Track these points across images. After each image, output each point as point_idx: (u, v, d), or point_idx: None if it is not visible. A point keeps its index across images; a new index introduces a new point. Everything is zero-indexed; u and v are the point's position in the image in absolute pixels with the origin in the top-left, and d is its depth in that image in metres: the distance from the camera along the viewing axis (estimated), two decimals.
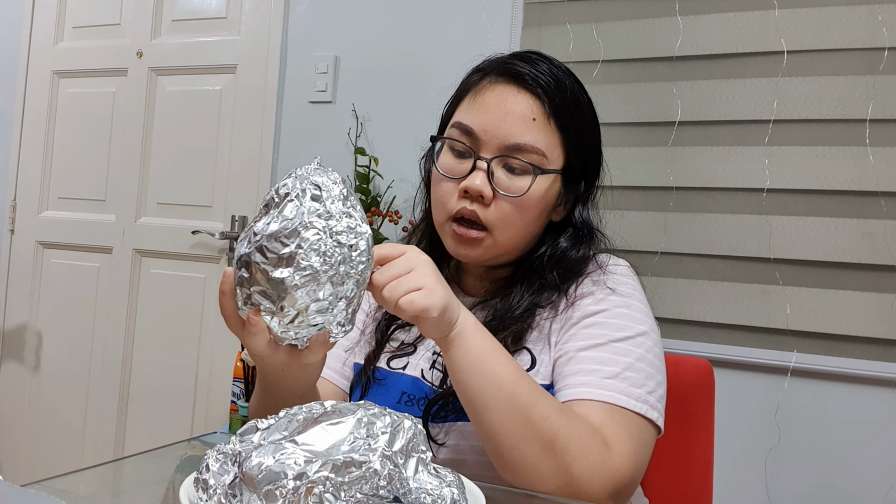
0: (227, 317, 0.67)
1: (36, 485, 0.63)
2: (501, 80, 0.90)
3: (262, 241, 0.60)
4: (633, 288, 0.92)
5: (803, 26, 1.67)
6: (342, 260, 0.61)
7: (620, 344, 0.85)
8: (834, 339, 1.62)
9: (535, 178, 0.87)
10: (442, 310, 0.72)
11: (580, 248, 0.93)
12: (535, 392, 0.76)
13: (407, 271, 0.72)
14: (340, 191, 0.63)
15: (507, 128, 0.87)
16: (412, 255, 0.73)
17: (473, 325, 0.77)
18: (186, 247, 2.37)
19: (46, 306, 2.59)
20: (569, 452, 0.74)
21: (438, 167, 0.91)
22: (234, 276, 0.63)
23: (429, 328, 0.74)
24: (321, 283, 0.60)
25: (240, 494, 0.47)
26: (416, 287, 0.71)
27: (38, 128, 2.62)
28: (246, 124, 2.30)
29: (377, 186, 2.06)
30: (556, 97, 0.89)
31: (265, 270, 0.60)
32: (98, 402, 2.47)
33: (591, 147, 0.95)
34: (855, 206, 1.62)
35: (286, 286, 0.60)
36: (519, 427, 0.74)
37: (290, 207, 0.61)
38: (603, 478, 0.75)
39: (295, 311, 0.61)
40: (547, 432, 0.74)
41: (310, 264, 0.59)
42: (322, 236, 0.60)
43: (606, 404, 0.80)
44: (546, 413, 0.75)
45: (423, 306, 0.70)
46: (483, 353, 0.76)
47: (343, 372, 0.99)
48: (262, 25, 2.29)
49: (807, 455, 1.64)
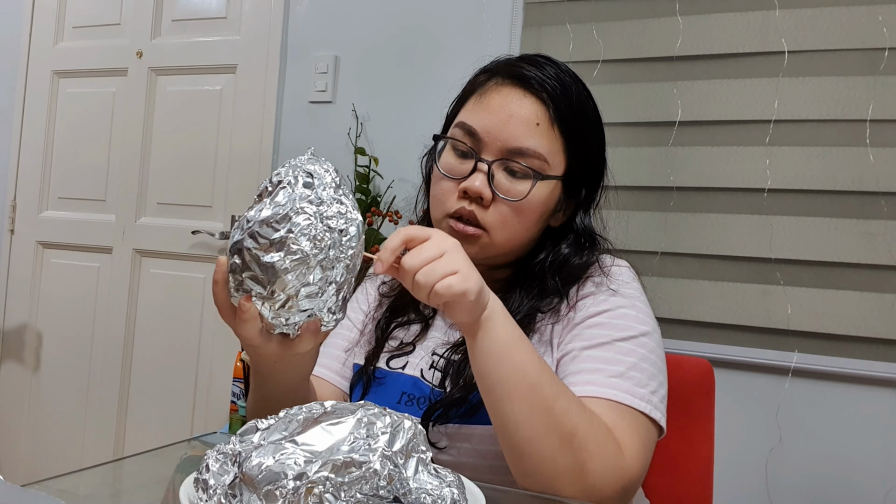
0: (219, 306, 0.67)
1: (36, 485, 0.63)
2: (507, 83, 0.90)
3: (253, 227, 0.61)
4: (635, 289, 0.92)
5: (804, 26, 1.67)
6: (332, 244, 0.61)
7: (624, 343, 0.85)
8: (834, 339, 1.62)
9: (535, 183, 0.87)
10: (477, 293, 0.71)
11: (582, 255, 0.93)
12: (557, 385, 0.76)
13: (439, 255, 0.70)
14: (332, 179, 0.63)
15: (510, 131, 0.87)
16: (440, 239, 0.71)
17: (501, 311, 0.76)
18: (186, 247, 2.37)
19: (46, 306, 2.59)
20: (586, 448, 0.73)
21: (439, 166, 0.91)
22: (226, 265, 0.64)
23: (461, 313, 0.72)
24: (311, 267, 0.61)
25: (240, 494, 0.47)
26: (451, 271, 0.69)
27: (38, 128, 2.61)
28: (246, 124, 2.30)
29: (377, 186, 2.06)
30: (562, 103, 0.89)
31: (256, 255, 0.60)
32: (98, 402, 2.47)
33: (595, 154, 0.95)
34: (855, 206, 1.62)
35: (276, 270, 0.60)
36: (540, 419, 0.73)
37: (283, 194, 0.61)
38: (615, 477, 0.75)
39: (285, 295, 0.61)
40: (567, 426, 0.73)
41: (300, 248, 0.60)
42: (313, 221, 0.61)
43: (614, 403, 0.80)
44: (567, 407, 0.74)
45: (461, 290, 0.69)
46: (510, 341, 0.75)
47: (342, 372, 0.99)
48: (262, 25, 2.29)
49: (807, 455, 1.64)
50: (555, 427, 0.73)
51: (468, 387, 0.86)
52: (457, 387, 0.87)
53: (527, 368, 0.74)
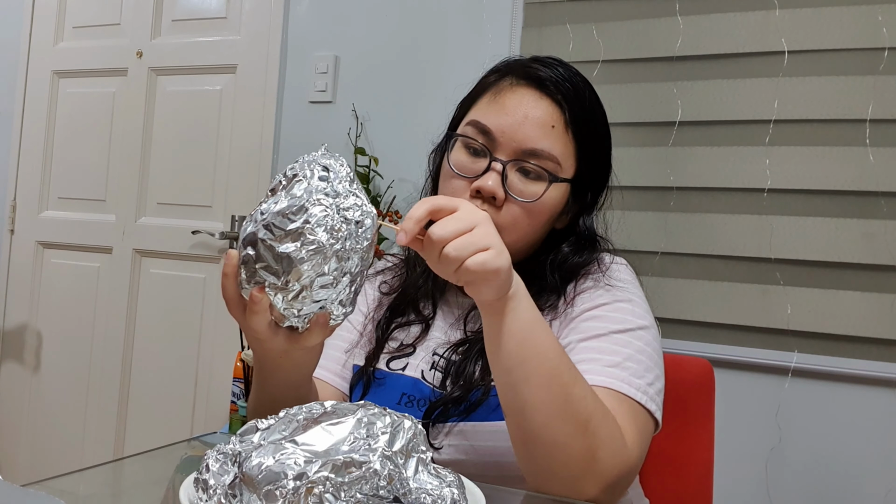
0: (228, 299, 0.66)
1: (36, 485, 0.63)
2: (523, 83, 0.90)
3: (269, 219, 0.61)
4: (633, 285, 0.92)
5: (803, 26, 1.67)
6: (348, 235, 0.62)
7: (620, 335, 0.85)
8: (834, 339, 1.62)
9: (550, 184, 0.87)
10: (508, 272, 0.69)
11: (583, 255, 0.93)
12: (574, 370, 0.75)
13: (470, 227, 0.66)
14: (347, 173, 0.64)
15: (525, 132, 0.87)
16: (470, 210, 0.67)
17: (525, 292, 0.73)
18: (186, 247, 2.37)
19: (46, 306, 2.59)
20: (598, 436, 0.73)
21: (451, 163, 0.90)
22: (237, 258, 0.64)
23: (489, 290, 0.69)
24: (327, 258, 0.61)
25: (240, 494, 0.47)
26: (485, 246, 0.66)
27: (38, 128, 2.61)
28: (246, 124, 2.30)
29: (377, 186, 2.06)
30: (576, 106, 0.89)
31: (271, 246, 0.61)
32: (98, 402, 2.47)
33: (602, 159, 0.95)
34: (855, 206, 1.62)
35: (292, 260, 0.60)
36: (557, 404, 0.72)
37: (298, 187, 0.62)
38: (620, 463, 0.75)
39: (300, 285, 0.62)
40: (583, 412, 0.72)
41: (316, 238, 0.60)
42: (329, 212, 0.61)
43: (611, 391, 0.80)
44: (584, 393, 0.73)
45: (496, 267, 0.66)
46: (532, 322, 0.72)
47: (342, 374, 0.99)
48: (262, 25, 2.29)
49: (807, 455, 1.64)
50: (571, 413, 0.72)
51: (468, 385, 0.86)
52: (458, 385, 0.87)
53: (548, 352, 0.72)
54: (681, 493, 1.17)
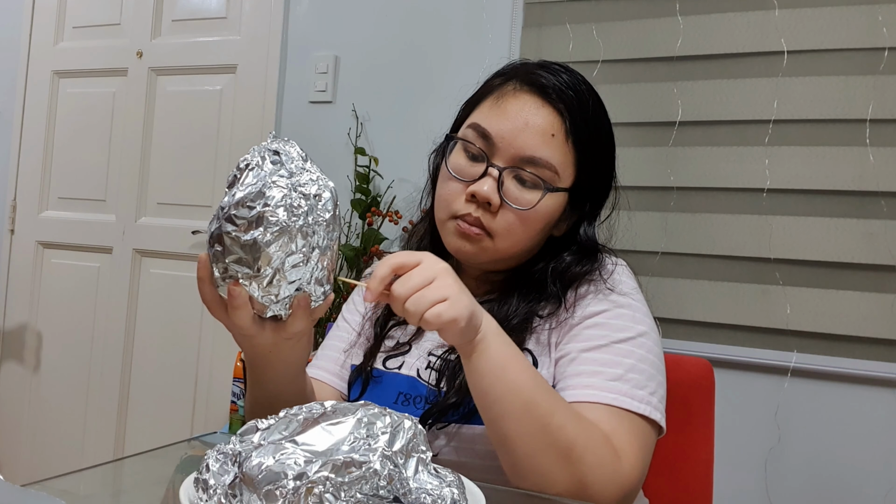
0: (208, 302, 0.66)
1: (36, 485, 0.63)
2: (526, 89, 0.89)
3: (229, 211, 0.61)
4: (632, 288, 0.92)
5: (803, 26, 1.67)
6: (309, 210, 0.62)
7: (622, 345, 0.84)
8: (834, 339, 1.62)
9: (545, 194, 0.87)
10: (468, 318, 0.70)
11: (585, 265, 0.93)
12: (553, 400, 0.76)
13: (428, 282, 0.69)
14: (299, 153, 0.65)
15: (524, 139, 0.86)
16: (430, 263, 0.71)
17: (495, 331, 0.75)
18: (186, 247, 2.37)
19: (46, 306, 2.59)
20: (584, 462, 0.74)
21: (449, 166, 0.90)
22: (208, 259, 0.64)
23: (453, 337, 0.72)
24: (293, 236, 0.62)
25: (240, 494, 0.47)
26: (440, 298, 0.69)
27: (38, 128, 2.62)
28: (246, 124, 2.30)
29: (377, 186, 2.06)
30: (578, 116, 0.89)
31: (237, 237, 0.61)
32: (98, 402, 2.47)
33: (604, 169, 0.94)
34: (855, 206, 1.62)
35: (259, 245, 0.61)
36: (537, 436, 0.73)
37: (251, 175, 0.62)
38: (615, 487, 0.75)
39: (272, 269, 0.62)
40: (564, 441, 0.73)
41: (279, 219, 0.61)
42: (287, 192, 0.62)
43: (613, 408, 0.80)
44: (564, 422, 0.74)
45: (451, 317, 0.69)
46: (504, 360, 0.74)
47: (341, 374, 0.99)
48: (262, 25, 2.29)
49: (807, 455, 1.64)
50: (552, 443, 0.73)
51: (464, 390, 0.86)
52: (452, 390, 0.87)
53: (521, 387, 0.74)
54: (680, 492, 1.17)
